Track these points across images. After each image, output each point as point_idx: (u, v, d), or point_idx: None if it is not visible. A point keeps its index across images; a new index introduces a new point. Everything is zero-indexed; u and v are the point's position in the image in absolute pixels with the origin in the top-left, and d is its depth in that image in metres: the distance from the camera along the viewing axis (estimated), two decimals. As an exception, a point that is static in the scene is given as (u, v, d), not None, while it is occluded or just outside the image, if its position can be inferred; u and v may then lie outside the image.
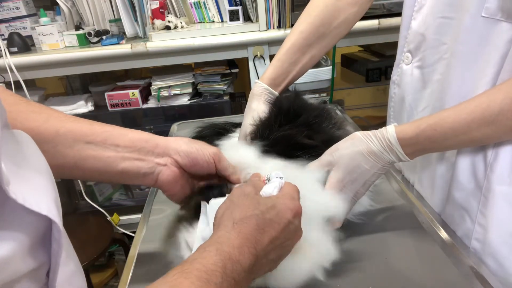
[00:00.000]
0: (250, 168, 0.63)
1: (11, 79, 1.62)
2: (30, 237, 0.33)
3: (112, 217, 1.88)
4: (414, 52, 0.75)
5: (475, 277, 0.58)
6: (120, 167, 0.57)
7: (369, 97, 2.27)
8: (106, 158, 0.56)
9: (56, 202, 0.35)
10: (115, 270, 2.09)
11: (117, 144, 0.56)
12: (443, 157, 0.71)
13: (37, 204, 0.32)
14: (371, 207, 0.74)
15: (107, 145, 0.56)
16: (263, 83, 0.82)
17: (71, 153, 0.53)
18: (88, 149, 0.55)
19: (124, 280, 0.64)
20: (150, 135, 0.60)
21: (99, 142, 0.55)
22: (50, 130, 0.53)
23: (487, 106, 0.55)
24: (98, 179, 0.61)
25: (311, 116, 0.73)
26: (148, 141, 0.58)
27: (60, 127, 0.53)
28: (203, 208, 0.58)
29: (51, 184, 0.37)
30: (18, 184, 0.32)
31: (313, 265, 0.57)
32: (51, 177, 0.39)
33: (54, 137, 0.53)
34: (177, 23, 1.72)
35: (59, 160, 0.53)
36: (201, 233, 0.55)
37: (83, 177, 0.64)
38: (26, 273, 0.33)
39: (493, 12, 0.58)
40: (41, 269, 0.35)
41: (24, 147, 0.38)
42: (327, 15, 0.82)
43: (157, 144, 0.59)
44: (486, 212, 0.62)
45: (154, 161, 0.59)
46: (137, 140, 0.58)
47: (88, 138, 0.55)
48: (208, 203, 0.57)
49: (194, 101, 1.83)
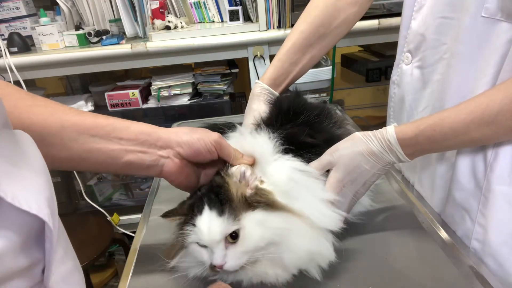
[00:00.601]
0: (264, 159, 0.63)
1: (11, 79, 1.62)
2: (21, 236, 0.33)
3: (112, 217, 1.88)
4: (414, 52, 0.75)
5: (475, 277, 0.58)
6: (124, 160, 0.58)
7: (369, 97, 2.27)
8: (110, 151, 0.57)
9: (49, 201, 0.35)
10: (115, 270, 2.09)
11: (121, 137, 0.58)
12: (443, 157, 0.71)
13: (27, 203, 0.32)
14: (371, 207, 0.74)
15: (111, 138, 0.57)
16: (264, 83, 0.82)
17: (76, 146, 0.55)
18: (93, 142, 0.56)
19: (124, 280, 0.64)
20: (153, 128, 0.61)
21: (103, 135, 0.56)
22: (56, 124, 0.53)
23: (486, 106, 0.55)
24: (105, 170, 0.62)
25: (311, 115, 0.73)
26: (150, 134, 0.60)
27: (65, 120, 0.54)
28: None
29: (46, 183, 0.37)
30: (9, 182, 0.32)
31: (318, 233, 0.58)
32: (47, 176, 0.39)
33: (60, 130, 0.54)
34: (177, 23, 1.72)
35: (65, 152, 0.55)
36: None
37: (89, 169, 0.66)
38: (18, 270, 0.33)
39: (493, 12, 0.58)
40: (36, 267, 0.35)
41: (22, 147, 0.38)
42: (327, 15, 0.83)
43: (159, 137, 0.60)
44: (486, 212, 0.62)
45: (157, 153, 0.60)
46: (140, 133, 0.59)
47: (92, 131, 0.56)
48: None
49: (194, 101, 1.83)
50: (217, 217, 0.55)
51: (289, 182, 0.60)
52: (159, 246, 0.67)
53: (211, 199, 0.57)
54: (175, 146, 0.60)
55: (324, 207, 0.60)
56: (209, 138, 0.61)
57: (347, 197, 0.65)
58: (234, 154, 0.62)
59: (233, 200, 0.57)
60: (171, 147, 0.60)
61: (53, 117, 0.54)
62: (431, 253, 0.64)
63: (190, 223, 0.57)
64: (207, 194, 0.59)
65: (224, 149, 0.62)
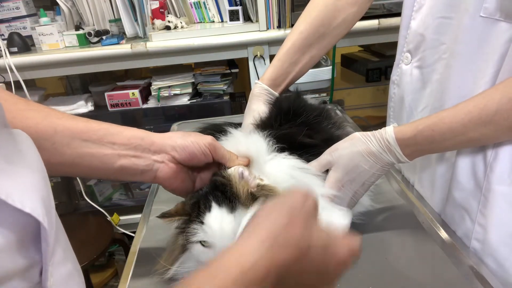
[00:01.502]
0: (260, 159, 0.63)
1: (11, 79, 1.62)
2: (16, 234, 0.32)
3: (112, 217, 1.88)
4: (414, 52, 0.75)
5: (475, 277, 0.58)
6: (117, 165, 0.57)
7: (369, 97, 2.27)
8: (103, 155, 0.56)
9: (44, 200, 0.35)
10: (115, 270, 2.09)
11: (114, 141, 0.57)
12: (443, 157, 0.71)
13: (21, 202, 0.32)
14: (371, 207, 0.74)
15: (104, 142, 0.56)
16: (263, 83, 0.82)
17: (68, 150, 0.54)
18: (85, 146, 0.55)
19: (124, 280, 0.64)
20: (146, 133, 0.60)
21: (95, 140, 0.56)
22: (48, 128, 0.53)
23: (484, 106, 0.55)
24: (98, 176, 0.61)
25: (311, 116, 0.73)
26: (143, 138, 0.59)
27: (58, 124, 0.54)
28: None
29: (42, 182, 0.37)
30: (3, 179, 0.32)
31: None
32: (44, 175, 0.39)
33: (52, 135, 0.53)
34: (177, 23, 1.72)
35: (58, 157, 0.54)
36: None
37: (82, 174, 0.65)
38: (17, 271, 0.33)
39: (492, 12, 0.58)
40: (34, 268, 0.35)
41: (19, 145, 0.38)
42: (327, 15, 0.83)
43: (152, 141, 0.59)
44: (486, 212, 0.62)
45: (151, 158, 0.59)
46: (133, 137, 0.58)
47: (85, 135, 0.55)
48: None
49: (194, 101, 1.83)
50: (228, 214, 0.54)
51: (290, 179, 0.60)
52: (159, 246, 0.67)
53: (218, 196, 0.56)
54: (169, 150, 0.59)
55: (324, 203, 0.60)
56: (203, 141, 0.60)
57: (346, 197, 0.65)
58: (228, 156, 0.62)
59: (241, 197, 0.56)
60: (166, 151, 0.59)
61: (46, 121, 0.53)
62: (431, 253, 0.64)
63: (197, 221, 0.56)
64: (212, 192, 0.58)
65: (219, 151, 0.61)
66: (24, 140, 0.40)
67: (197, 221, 0.56)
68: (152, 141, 0.59)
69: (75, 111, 1.83)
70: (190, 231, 0.56)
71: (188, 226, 0.57)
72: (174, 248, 0.60)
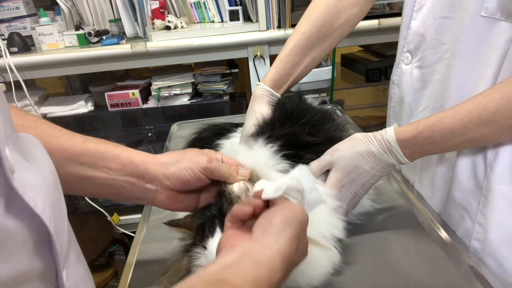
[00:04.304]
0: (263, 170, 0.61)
1: (11, 79, 1.62)
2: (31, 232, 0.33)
3: (112, 217, 1.88)
4: (414, 52, 0.75)
5: (475, 277, 0.58)
6: (113, 190, 0.57)
7: (369, 97, 2.27)
8: (98, 179, 0.56)
9: (54, 205, 0.35)
10: (115, 270, 2.09)
11: (109, 166, 0.56)
12: (443, 157, 0.71)
13: (34, 201, 0.32)
14: (372, 208, 0.74)
15: (99, 166, 0.55)
16: (265, 85, 0.82)
17: (63, 172, 0.53)
18: (81, 170, 0.55)
19: (124, 281, 0.64)
20: (142, 157, 0.58)
21: (91, 164, 0.55)
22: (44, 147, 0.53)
23: (483, 106, 0.55)
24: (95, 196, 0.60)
25: (314, 118, 0.73)
26: (138, 165, 0.57)
27: (53, 145, 0.53)
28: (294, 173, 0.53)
29: (53, 187, 0.37)
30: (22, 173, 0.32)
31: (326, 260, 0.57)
32: (57, 180, 0.39)
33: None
34: (177, 23, 1.72)
35: None
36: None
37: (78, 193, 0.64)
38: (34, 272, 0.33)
39: (493, 11, 0.58)
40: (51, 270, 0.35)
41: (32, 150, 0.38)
42: (328, 16, 0.82)
43: (146, 169, 0.57)
44: (486, 212, 0.62)
45: (145, 186, 0.58)
46: (129, 163, 0.57)
47: (81, 158, 0.54)
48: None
49: (194, 101, 1.83)
50: None
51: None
52: (159, 246, 0.67)
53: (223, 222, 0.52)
54: (162, 179, 0.57)
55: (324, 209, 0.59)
56: (198, 166, 0.57)
57: (346, 198, 0.65)
58: (228, 173, 0.59)
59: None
60: (159, 181, 0.58)
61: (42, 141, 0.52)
62: (431, 253, 0.64)
63: (200, 245, 0.55)
64: (218, 217, 0.56)
65: (216, 173, 0.58)
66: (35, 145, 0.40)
67: (200, 246, 0.55)
68: (146, 168, 0.57)
69: (75, 111, 1.83)
70: (193, 255, 0.55)
71: (192, 250, 0.56)
72: (179, 268, 0.58)
